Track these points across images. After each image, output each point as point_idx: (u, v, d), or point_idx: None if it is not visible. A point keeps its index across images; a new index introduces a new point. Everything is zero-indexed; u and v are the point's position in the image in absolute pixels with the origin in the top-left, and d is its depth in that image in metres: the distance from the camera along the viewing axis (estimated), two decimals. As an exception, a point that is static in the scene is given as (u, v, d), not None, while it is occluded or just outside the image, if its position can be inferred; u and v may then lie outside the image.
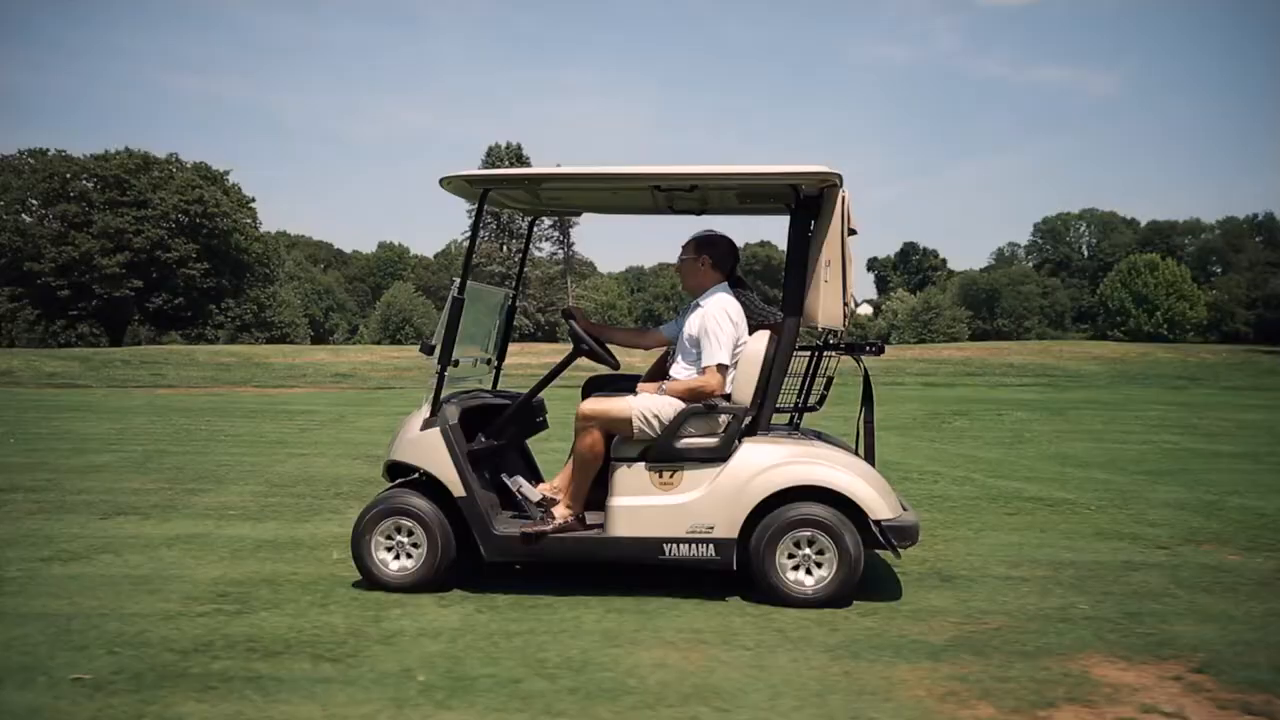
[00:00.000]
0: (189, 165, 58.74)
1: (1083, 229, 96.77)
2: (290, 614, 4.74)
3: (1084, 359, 30.79)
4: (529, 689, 3.80)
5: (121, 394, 22.23)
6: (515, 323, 6.45)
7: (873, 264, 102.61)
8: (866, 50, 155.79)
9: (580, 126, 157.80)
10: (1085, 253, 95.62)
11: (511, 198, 5.82)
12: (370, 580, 5.09)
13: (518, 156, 63.63)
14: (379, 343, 78.61)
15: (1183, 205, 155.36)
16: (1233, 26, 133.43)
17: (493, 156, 63.27)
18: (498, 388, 6.08)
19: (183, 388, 24.58)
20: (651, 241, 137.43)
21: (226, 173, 59.49)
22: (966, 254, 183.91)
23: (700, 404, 4.96)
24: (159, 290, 56.03)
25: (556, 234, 65.09)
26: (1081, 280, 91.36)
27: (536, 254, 65.17)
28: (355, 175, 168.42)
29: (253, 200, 60.58)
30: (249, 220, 60.35)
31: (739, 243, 5.55)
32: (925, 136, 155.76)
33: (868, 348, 5.45)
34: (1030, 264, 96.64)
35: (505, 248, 61.27)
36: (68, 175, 55.18)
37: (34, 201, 55.94)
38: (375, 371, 28.82)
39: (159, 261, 55.09)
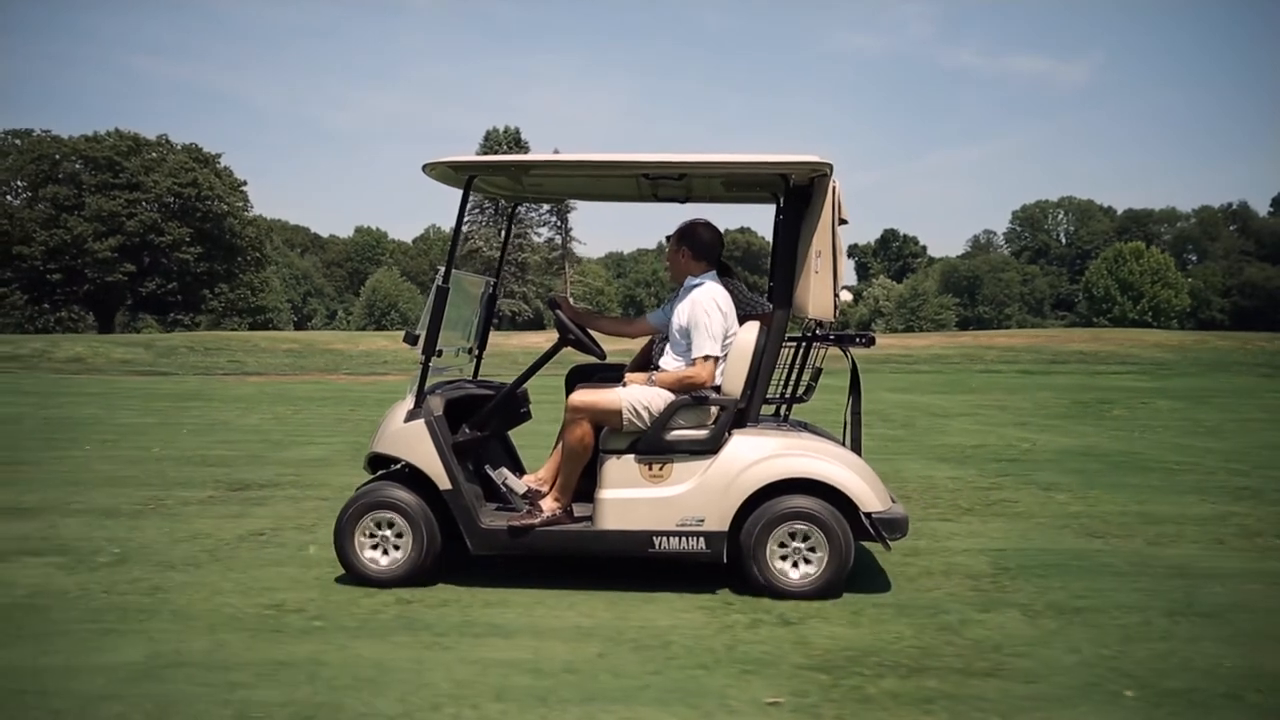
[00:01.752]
0: (179, 147, 57.21)
1: (1061, 217, 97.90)
2: (845, 625, 4.41)
3: (1145, 346, 30.96)
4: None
5: (216, 382, 21.48)
6: (514, 310, 6.28)
7: (853, 251, 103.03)
8: (841, 39, 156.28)
9: (553, 115, 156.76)
10: (1063, 240, 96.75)
11: (494, 184, 5.66)
12: (354, 575, 4.94)
13: (515, 141, 62.76)
14: (364, 329, 77.71)
15: (1159, 194, 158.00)
16: (1203, 17, 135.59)
17: (490, 141, 62.34)
18: (478, 376, 5.94)
19: (274, 375, 23.89)
20: (630, 227, 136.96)
21: (218, 156, 57.97)
22: (942, 241, 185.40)
23: (690, 395, 4.88)
24: (152, 275, 54.61)
25: (554, 220, 64.35)
26: (1060, 268, 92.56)
27: (535, 239, 64.45)
28: (330, 160, 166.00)
29: (244, 183, 59.11)
30: (241, 204, 58.94)
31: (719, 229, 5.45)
32: (900, 124, 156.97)
33: (858, 339, 5.36)
34: (1008, 251, 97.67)
35: (503, 232, 60.42)
36: (56, 157, 53.48)
37: (20, 183, 54.16)
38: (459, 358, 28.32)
39: (152, 245, 53.68)
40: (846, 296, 5.13)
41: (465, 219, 5.46)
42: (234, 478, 8.28)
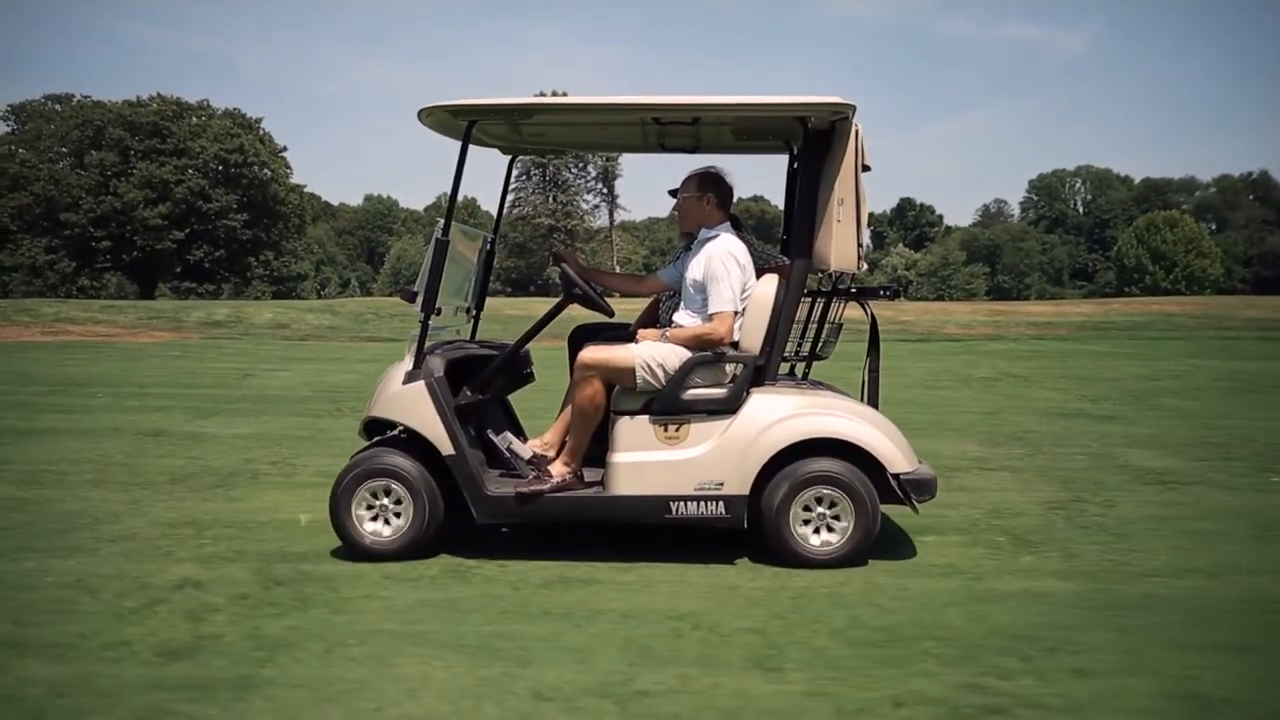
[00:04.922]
0: (219, 112, 55.87)
1: (1078, 186, 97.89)
2: None
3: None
4: None
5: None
6: (555, 280, 5.77)
7: (869, 220, 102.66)
8: (837, 6, 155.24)
9: (540, 83, 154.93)
10: (1081, 210, 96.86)
11: (492, 133, 5.27)
12: (352, 548, 4.66)
13: (561, 107, 61.76)
14: (390, 295, 76.74)
15: (1176, 163, 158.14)
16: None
17: (536, 106, 61.28)
18: (476, 337, 5.71)
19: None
20: (643, 196, 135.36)
21: (259, 120, 56.70)
22: (950, 210, 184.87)
23: (707, 352, 4.66)
24: (200, 242, 53.42)
25: (600, 186, 63.60)
26: (1078, 237, 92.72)
27: (584, 207, 63.74)
28: (333, 129, 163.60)
29: (285, 149, 57.86)
30: (284, 170, 57.73)
31: None
32: (900, 93, 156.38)
33: (881, 292, 5.22)
34: (1019, 220, 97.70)
35: (552, 199, 59.67)
36: (99, 123, 52.04)
37: (64, 149, 52.68)
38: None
39: (199, 212, 52.52)
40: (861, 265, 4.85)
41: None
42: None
